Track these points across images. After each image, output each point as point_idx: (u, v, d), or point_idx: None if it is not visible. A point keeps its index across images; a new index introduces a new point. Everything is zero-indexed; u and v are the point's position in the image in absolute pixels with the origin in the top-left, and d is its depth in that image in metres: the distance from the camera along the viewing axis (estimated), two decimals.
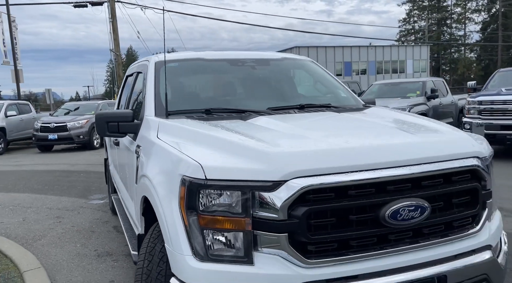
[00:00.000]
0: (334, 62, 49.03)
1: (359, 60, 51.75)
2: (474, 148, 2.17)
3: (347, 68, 50.40)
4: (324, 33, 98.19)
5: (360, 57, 51.71)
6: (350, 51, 50.53)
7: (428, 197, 1.95)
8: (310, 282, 1.76)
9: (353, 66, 51.29)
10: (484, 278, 2.06)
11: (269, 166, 1.80)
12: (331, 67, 48.49)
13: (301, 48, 46.98)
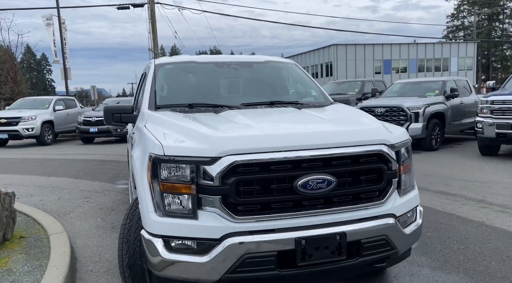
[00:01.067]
0: (373, 60, 48.48)
1: (400, 58, 50.80)
2: (382, 136, 2.70)
3: (387, 66, 49.64)
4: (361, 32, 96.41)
5: (400, 55, 50.77)
6: (390, 49, 49.72)
7: (335, 173, 2.50)
8: (237, 232, 2.38)
9: (393, 64, 50.46)
10: (383, 238, 2.59)
11: (210, 146, 2.43)
12: (370, 65, 48.03)
13: (338, 46, 46.82)
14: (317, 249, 2.44)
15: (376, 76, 45.93)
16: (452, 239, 4.17)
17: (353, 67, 46.67)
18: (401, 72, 50.46)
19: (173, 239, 2.44)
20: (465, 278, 3.29)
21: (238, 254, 2.35)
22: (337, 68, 46.83)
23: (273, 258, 2.38)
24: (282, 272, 2.41)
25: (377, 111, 10.73)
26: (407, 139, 2.91)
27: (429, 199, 5.72)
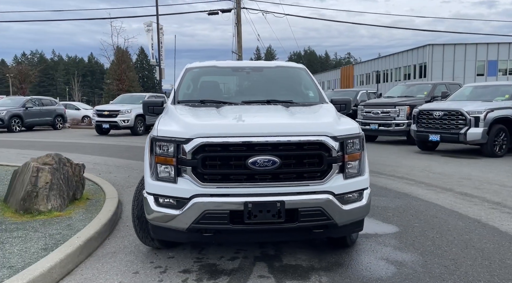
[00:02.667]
0: (475, 61, 45.42)
1: (508, 59, 46.90)
2: (325, 129, 3.37)
3: (492, 68, 46.15)
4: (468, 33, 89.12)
5: (510, 55, 46.87)
6: (496, 49, 46.09)
7: (281, 155, 3.26)
8: (201, 194, 3.26)
9: (499, 65, 46.76)
10: (319, 209, 3.27)
11: (186, 130, 3.35)
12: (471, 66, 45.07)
13: (434, 46, 44.70)
14: (261, 211, 3.23)
15: (478, 79, 43.05)
16: (437, 234, 4.59)
17: (451, 69, 44.26)
18: (509, 74, 46.60)
19: (161, 197, 3.40)
20: (417, 257, 3.80)
21: (201, 210, 3.23)
22: (432, 70, 44.74)
23: (226, 215, 3.22)
24: (233, 226, 3.24)
25: (435, 115, 10.78)
26: (354, 134, 3.53)
27: (453, 200, 6.04)
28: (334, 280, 3.35)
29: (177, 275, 3.42)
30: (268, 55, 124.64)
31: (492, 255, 3.83)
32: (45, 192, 4.75)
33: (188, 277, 3.39)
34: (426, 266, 3.60)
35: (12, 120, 19.84)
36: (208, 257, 3.81)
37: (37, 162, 4.92)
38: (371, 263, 3.68)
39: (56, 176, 4.88)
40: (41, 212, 4.70)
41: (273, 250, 3.97)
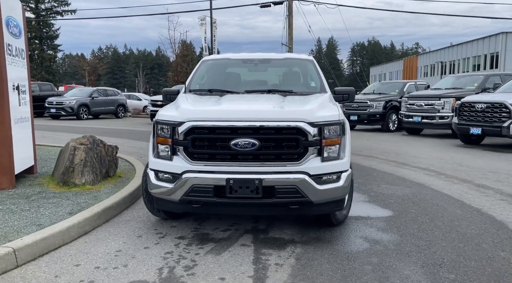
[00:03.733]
0: None
1: None
2: (303, 116, 3.73)
3: None
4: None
5: None
6: None
7: (260, 138, 3.68)
8: (191, 170, 3.76)
9: None
10: (294, 187, 3.65)
11: (180, 115, 3.86)
12: None
13: (508, 34, 41.76)
14: (241, 187, 3.67)
15: None
16: (427, 220, 4.78)
17: None
18: None
19: (160, 172, 3.95)
20: (395, 237, 4.06)
21: (190, 184, 3.74)
22: (505, 60, 41.92)
23: (211, 189, 3.70)
24: (217, 199, 3.72)
25: (477, 107, 10.51)
26: (332, 121, 3.85)
27: (465, 190, 6.11)
28: (307, 251, 3.72)
29: (172, 240, 3.97)
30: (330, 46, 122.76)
31: (470, 239, 3.99)
32: (80, 168, 5.51)
33: (181, 242, 3.92)
34: (399, 245, 3.86)
35: (80, 109, 21.67)
36: (204, 228, 4.32)
37: (75, 142, 5.70)
38: (349, 240, 4.00)
39: (89, 155, 5.62)
40: (76, 184, 5.46)
41: (264, 225, 4.41)
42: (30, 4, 58.11)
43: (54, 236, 3.74)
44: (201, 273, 3.24)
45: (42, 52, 58.93)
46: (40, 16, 58.10)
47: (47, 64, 59.34)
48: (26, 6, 57.47)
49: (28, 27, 57.49)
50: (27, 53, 6.37)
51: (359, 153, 9.68)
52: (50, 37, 60.23)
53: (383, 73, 76.14)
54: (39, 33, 58.40)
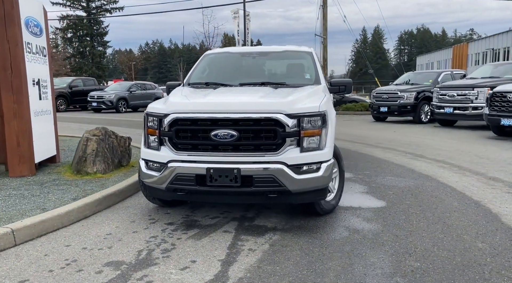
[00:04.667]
0: None
1: None
2: (281, 107, 3.84)
3: None
4: None
5: None
6: None
7: (239, 130, 3.83)
8: (175, 160, 3.97)
9: None
10: (271, 177, 3.78)
11: (166, 107, 4.08)
12: None
13: None
14: (220, 176, 3.85)
15: None
16: (418, 211, 4.76)
17: None
18: None
19: (149, 162, 4.20)
20: (377, 227, 4.09)
21: (174, 172, 3.96)
22: None
23: (193, 178, 3.90)
24: (199, 188, 3.92)
25: (509, 97, 10.08)
26: (311, 112, 3.93)
27: (472, 183, 5.99)
28: (284, 238, 3.85)
29: (161, 226, 4.21)
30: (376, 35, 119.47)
31: (454, 231, 3.97)
32: (92, 157, 5.88)
33: (168, 228, 4.16)
34: (378, 234, 3.91)
35: (119, 102, 22.60)
36: (195, 215, 4.54)
37: (89, 133, 6.08)
38: (330, 229, 4.08)
39: (101, 145, 5.99)
40: (88, 173, 5.85)
41: (253, 213, 4.57)
42: (82, 3, 61.07)
43: (53, 219, 4.08)
44: (176, 256, 3.46)
45: (93, 48, 61.94)
46: (90, 14, 60.81)
47: (97, 60, 62.17)
48: (78, 5, 60.51)
49: (80, 25, 60.73)
50: (49, 50, 6.82)
51: (378, 145, 9.59)
52: (100, 34, 63.10)
53: (431, 63, 73.31)
54: (90, 30, 61.27)
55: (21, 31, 5.76)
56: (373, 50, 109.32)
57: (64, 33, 61.87)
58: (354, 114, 20.65)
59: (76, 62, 61.62)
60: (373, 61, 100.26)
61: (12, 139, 5.77)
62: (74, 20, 60.45)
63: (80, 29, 61.48)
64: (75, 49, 62.38)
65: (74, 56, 62.32)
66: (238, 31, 22.46)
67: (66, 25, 61.13)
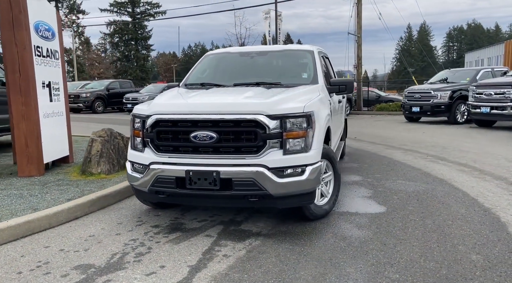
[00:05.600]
0: None
1: None
2: (262, 108, 3.68)
3: None
4: None
5: None
6: None
7: (219, 131, 3.71)
8: (156, 162, 3.91)
9: None
10: (251, 180, 3.64)
11: (149, 109, 4.02)
12: None
13: None
14: (199, 179, 3.75)
15: None
16: (417, 218, 4.45)
17: None
18: None
19: (134, 163, 4.16)
20: (366, 234, 3.85)
21: (154, 174, 3.90)
22: None
23: (173, 180, 3.83)
24: (179, 190, 3.84)
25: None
26: (294, 113, 3.75)
27: (489, 188, 5.58)
28: (265, 244, 3.69)
29: (146, 228, 4.16)
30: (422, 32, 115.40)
31: (450, 240, 3.66)
32: (96, 158, 5.95)
33: (152, 230, 4.10)
34: (365, 242, 3.67)
35: None
36: (183, 218, 4.46)
37: (95, 134, 6.16)
38: (316, 235, 3.88)
39: (106, 146, 6.04)
40: (93, 174, 5.92)
41: (242, 217, 4.43)
42: (127, 9, 63.47)
43: (40, 220, 4.12)
44: (147, 261, 3.38)
45: (137, 52, 64.12)
46: (135, 19, 62.98)
47: (141, 63, 64.21)
48: (124, 10, 62.87)
49: (126, 30, 63.05)
50: (62, 53, 6.98)
51: (400, 147, 9.18)
52: (144, 38, 65.30)
53: (480, 59, 69.93)
54: (135, 35, 63.44)
55: (29, 35, 5.91)
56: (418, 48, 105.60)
57: (111, 38, 64.34)
58: (388, 115, 20.00)
59: (121, 66, 63.86)
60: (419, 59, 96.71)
61: (21, 140, 5.93)
62: (120, 25, 62.74)
63: (125, 33, 63.83)
64: (121, 53, 64.67)
65: (120, 59, 64.63)
66: (270, 32, 22.33)
67: (113, 31, 63.57)
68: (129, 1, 63.03)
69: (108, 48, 68.51)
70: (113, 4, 62.93)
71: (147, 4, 64.11)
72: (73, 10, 62.73)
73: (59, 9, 61.02)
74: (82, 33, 63.74)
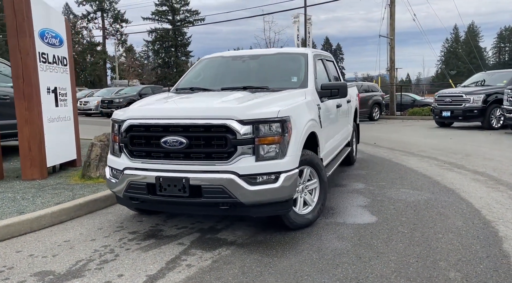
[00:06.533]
0: None
1: None
2: (232, 113, 3.54)
3: None
4: None
5: None
6: None
7: (189, 136, 3.60)
8: (130, 168, 3.85)
9: None
10: (220, 187, 3.51)
11: (124, 114, 3.98)
12: None
13: None
14: (169, 185, 3.65)
15: None
16: (406, 230, 4.16)
17: None
18: None
19: (112, 169, 4.13)
20: (346, 247, 3.62)
21: (127, 181, 3.84)
22: None
23: (145, 186, 3.76)
24: (151, 197, 3.76)
25: None
26: (267, 118, 3.58)
27: (498, 199, 5.18)
28: (234, 254, 3.54)
29: (123, 234, 4.11)
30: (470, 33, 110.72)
31: (433, 255, 3.38)
32: (95, 162, 6.00)
33: (127, 237, 4.04)
34: (339, 255, 3.45)
35: None
36: (164, 224, 4.38)
37: (95, 139, 6.22)
38: (291, 245, 3.69)
39: (105, 151, 6.08)
40: (92, 178, 5.97)
41: (223, 225, 4.30)
42: (168, 17, 65.31)
43: (20, 224, 4.16)
44: (108, 269, 3.31)
45: (176, 58, 65.60)
46: (175, 26, 64.61)
47: (181, 69, 65.60)
48: (164, 18, 64.66)
49: (166, 37, 64.76)
50: (71, 59, 7.12)
51: (419, 153, 8.75)
52: (183, 44, 66.86)
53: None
54: (175, 41, 65.00)
55: (33, 42, 6.06)
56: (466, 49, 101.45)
57: (153, 45, 66.23)
58: (421, 119, 19.27)
59: (161, 72, 65.53)
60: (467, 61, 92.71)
61: (24, 144, 6.07)
62: (161, 32, 64.47)
63: (165, 41, 65.52)
64: (162, 60, 66.38)
65: (160, 66, 66.34)
66: (298, 36, 22.10)
67: (154, 38, 65.40)
68: (170, 9, 64.77)
69: (151, 55, 70.45)
70: (154, 12, 64.86)
71: (186, 11, 65.64)
72: (117, 19, 65.17)
73: (104, 19, 63.71)
74: (125, 41, 65.86)
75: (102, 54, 63.84)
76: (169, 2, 64.61)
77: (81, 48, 62.21)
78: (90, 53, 64.20)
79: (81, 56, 61.69)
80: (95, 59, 63.52)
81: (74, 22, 60.39)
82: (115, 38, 63.56)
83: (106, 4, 64.20)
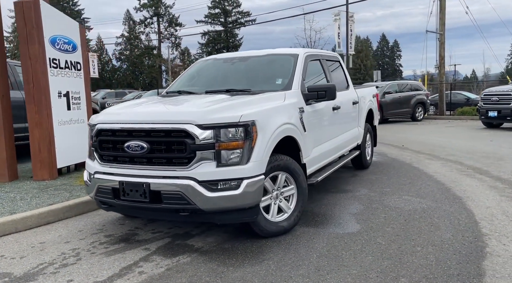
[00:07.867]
0: None
1: None
2: (191, 117, 3.46)
3: None
4: None
5: None
6: None
7: (149, 141, 3.56)
8: (99, 172, 3.87)
9: None
10: (179, 193, 3.43)
11: (98, 118, 4.00)
12: None
13: None
14: (131, 190, 3.63)
15: None
16: (384, 241, 3.86)
17: None
18: None
19: (87, 172, 4.18)
20: (312, 257, 3.41)
21: (96, 184, 3.87)
22: None
23: (110, 191, 3.76)
24: (116, 201, 3.76)
25: None
26: (228, 123, 3.45)
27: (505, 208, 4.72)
28: (193, 262, 3.45)
29: (98, 237, 4.14)
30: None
31: (398, 271, 3.09)
32: None
33: (99, 240, 4.05)
34: (297, 267, 3.25)
35: None
36: (142, 229, 4.37)
37: None
38: (253, 254, 3.54)
39: None
40: None
41: (198, 230, 4.22)
42: (220, 19, 66.60)
43: (5, 224, 4.32)
44: (62, 273, 3.32)
45: None
46: (227, 28, 65.69)
47: None
48: (217, 21, 65.93)
49: (218, 39, 65.94)
50: (86, 64, 7.36)
51: (445, 157, 8.20)
52: (234, 46, 67.67)
53: None
54: (226, 43, 66.04)
55: (43, 49, 6.30)
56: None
57: (206, 47, 67.69)
58: (470, 119, 18.10)
59: None
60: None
61: (35, 146, 6.34)
62: (213, 35, 65.73)
63: (218, 42, 66.68)
64: None
65: None
66: (339, 34, 21.55)
67: (207, 40, 66.81)
68: (222, 12, 65.91)
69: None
70: (207, 15, 66.27)
71: (238, 13, 66.48)
72: (172, 23, 67.17)
73: (160, 24, 65.92)
74: (179, 44, 67.72)
75: (157, 57, 66.09)
76: (221, 4, 65.78)
77: (139, 52, 64.77)
78: (148, 57, 66.61)
79: (139, 60, 64.25)
80: (152, 62, 65.83)
81: (133, 27, 63.02)
82: (170, 41, 65.55)
83: (162, 9, 66.33)
